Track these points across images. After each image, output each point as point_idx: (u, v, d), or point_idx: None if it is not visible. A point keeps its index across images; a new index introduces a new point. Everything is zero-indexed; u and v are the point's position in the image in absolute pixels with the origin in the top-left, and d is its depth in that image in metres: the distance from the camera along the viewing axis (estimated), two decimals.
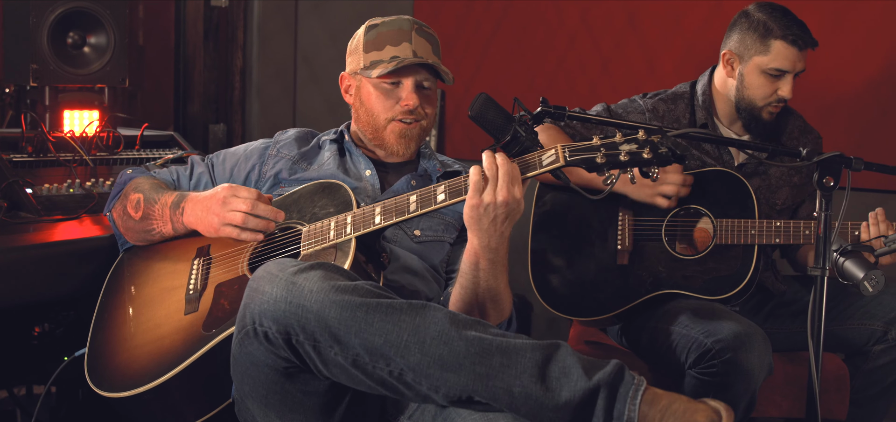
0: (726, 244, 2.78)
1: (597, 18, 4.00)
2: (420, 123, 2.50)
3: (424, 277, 2.40)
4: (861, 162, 2.18)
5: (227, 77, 4.31)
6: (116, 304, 2.43)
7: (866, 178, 2.42)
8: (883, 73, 3.49)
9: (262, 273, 1.93)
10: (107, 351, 2.31)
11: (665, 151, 2.06)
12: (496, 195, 2.03)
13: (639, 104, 3.04)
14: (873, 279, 2.14)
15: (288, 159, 2.58)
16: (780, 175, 3.02)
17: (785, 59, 2.85)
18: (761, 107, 2.92)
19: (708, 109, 3.02)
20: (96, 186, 2.95)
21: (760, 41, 2.87)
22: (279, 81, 4.41)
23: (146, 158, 3.17)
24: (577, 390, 1.79)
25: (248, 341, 1.92)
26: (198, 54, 4.19)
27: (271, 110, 4.41)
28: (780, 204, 3.02)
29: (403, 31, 2.47)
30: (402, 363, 1.84)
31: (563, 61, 4.07)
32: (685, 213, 2.87)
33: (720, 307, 2.69)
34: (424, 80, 2.49)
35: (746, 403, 2.53)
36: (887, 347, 2.77)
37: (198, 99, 4.21)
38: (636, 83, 3.89)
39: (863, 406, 2.83)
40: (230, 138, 4.28)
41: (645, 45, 3.91)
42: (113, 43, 3.29)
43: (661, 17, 3.87)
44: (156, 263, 2.47)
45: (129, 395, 2.15)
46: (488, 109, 2.19)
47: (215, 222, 2.31)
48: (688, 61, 3.82)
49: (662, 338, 2.69)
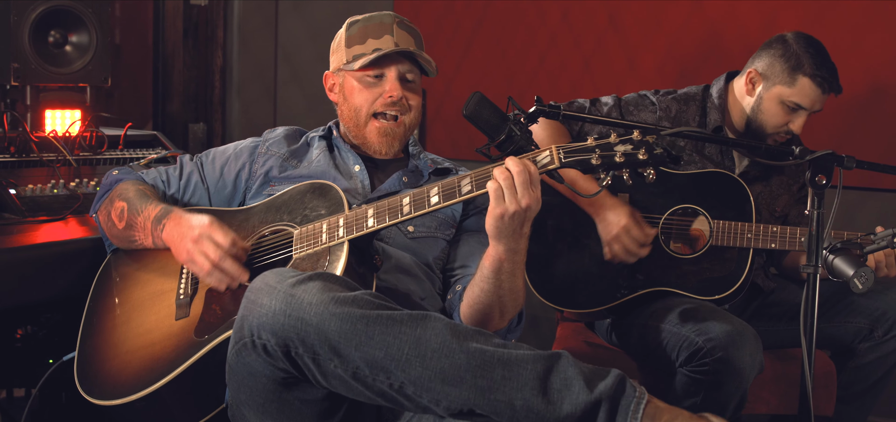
0: (722, 246, 2.80)
1: (578, 18, 4.01)
2: (403, 119, 2.50)
3: (417, 276, 2.39)
4: (853, 160, 2.20)
5: (207, 76, 4.27)
6: (105, 308, 2.40)
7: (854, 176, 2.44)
8: (865, 75, 3.52)
9: (259, 284, 1.90)
10: (97, 357, 2.28)
11: (660, 152, 2.06)
12: (520, 202, 2.02)
13: (650, 100, 3.04)
14: (863, 276, 2.16)
15: (278, 157, 2.56)
16: (781, 183, 3.05)
17: (807, 96, 2.84)
18: (769, 134, 2.92)
19: (722, 113, 3.01)
20: (81, 187, 2.92)
21: (789, 72, 2.85)
22: (260, 80, 4.38)
23: (130, 158, 3.14)
24: (578, 404, 1.78)
25: (245, 353, 1.89)
26: (177, 53, 4.15)
27: (252, 109, 4.38)
28: (779, 210, 3.05)
29: (385, 25, 2.47)
30: (402, 377, 1.82)
31: (545, 60, 4.07)
32: (682, 212, 2.87)
33: (711, 306, 2.71)
34: (408, 73, 2.49)
35: (737, 400, 2.55)
36: (873, 344, 2.80)
37: (177, 98, 4.18)
38: (618, 82, 3.91)
39: (849, 403, 2.87)
40: (210, 137, 4.25)
41: (626, 44, 3.92)
42: (95, 41, 3.25)
43: (642, 17, 3.88)
44: (145, 266, 2.44)
45: (121, 403, 2.12)
46: (483, 108, 2.19)
47: (184, 255, 2.27)
48: (669, 61, 3.83)
49: (653, 336, 2.70)
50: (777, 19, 3.55)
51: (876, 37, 3.51)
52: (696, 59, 3.79)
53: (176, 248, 2.30)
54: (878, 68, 3.51)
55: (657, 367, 2.74)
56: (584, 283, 2.90)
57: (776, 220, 3.02)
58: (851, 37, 3.51)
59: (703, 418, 1.80)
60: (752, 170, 3.03)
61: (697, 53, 3.80)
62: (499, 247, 2.08)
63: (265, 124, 4.34)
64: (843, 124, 3.56)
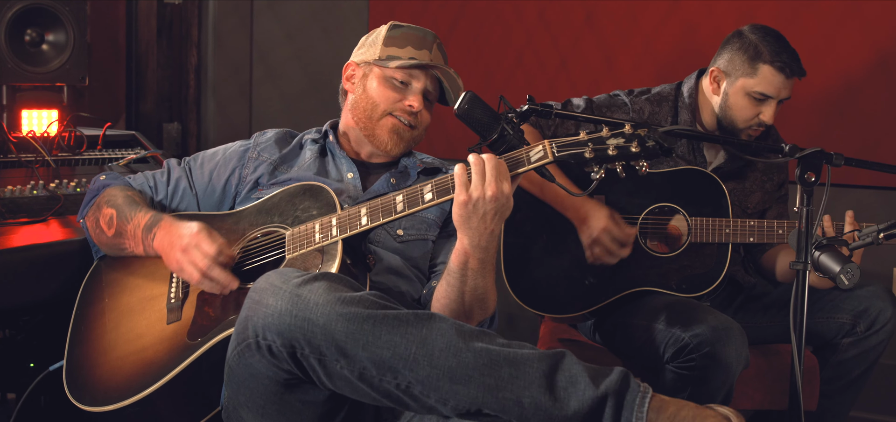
0: (700, 242, 2.82)
1: (554, 16, 4.02)
2: (414, 131, 2.51)
3: (408, 277, 2.39)
4: (841, 158, 2.23)
5: (182, 75, 4.23)
6: (94, 314, 2.36)
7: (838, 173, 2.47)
8: (839, 74, 3.57)
9: (264, 284, 1.89)
10: (87, 363, 2.25)
11: (653, 145, 2.07)
12: (485, 190, 2.02)
13: (622, 100, 3.05)
14: (849, 272, 2.19)
15: (269, 163, 2.54)
16: (754, 180, 3.07)
17: (770, 84, 2.87)
18: (741, 129, 2.94)
19: (693, 112, 3.03)
20: (61, 188, 2.87)
21: (749, 63, 2.88)
22: (235, 80, 4.34)
23: (108, 158, 3.10)
24: (585, 400, 1.79)
25: (248, 354, 1.88)
26: (151, 52, 4.11)
27: (227, 108, 4.34)
28: (751, 208, 3.07)
29: (427, 40, 2.51)
30: (410, 376, 1.81)
31: (522, 59, 4.08)
32: (659, 210, 2.89)
33: (695, 303, 2.73)
34: (430, 93, 2.51)
35: (724, 395, 2.57)
36: (856, 340, 2.83)
37: (151, 97, 4.13)
38: (595, 81, 3.93)
39: (832, 398, 2.90)
40: (185, 137, 4.21)
41: (603, 43, 3.94)
42: (72, 40, 3.20)
43: (619, 16, 3.91)
44: (134, 271, 2.41)
45: (114, 409, 2.09)
46: (476, 108, 2.19)
47: (174, 265, 2.26)
48: (645, 59, 3.86)
49: (639, 334, 2.72)
50: (753, 18, 3.55)
51: (849, 35, 3.56)
52: (673, 58, 3.82)
53: (166, 257, 2.29)
54: (852, 67, 3.56)
55: (643, 364, 2.76)
56: (566, 287, 2.91)
57: (749, 217, 3.05)
58: (826, 35, 3.55)
59: (709, 409, 1.81)
60: (725, 166, 3.05)
61: (674, 52, 3.83)
62: (464, 239, 2.09)
63: (241, 123, 4.33)
64: (818, 123, 3.61)
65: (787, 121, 3.02)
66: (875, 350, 2.83)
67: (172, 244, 2.26)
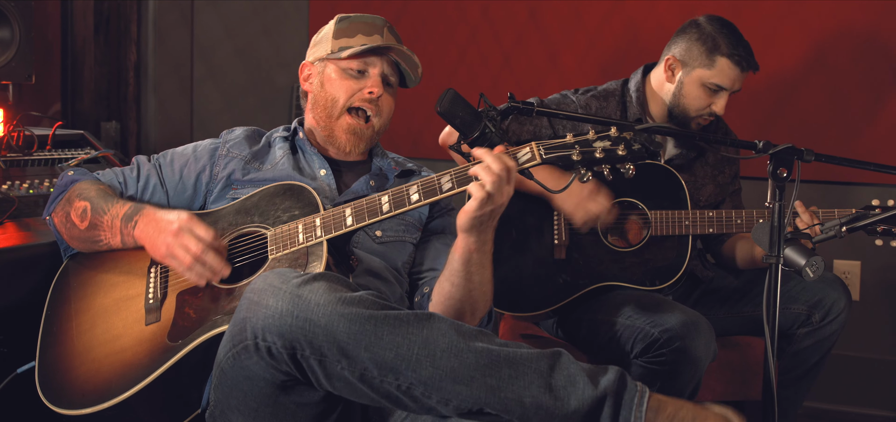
0: (661, 235, 2.87)
1: (498, 14, 4.05)
2: (373, 122, 2.47)
3: (387, 279, 2.37)
4: (812, 154, 2.29)
5: (120, 73, 4.12)
6: (67, 315, 2.30)
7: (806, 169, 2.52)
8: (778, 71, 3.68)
9: (262, 285, 1.86)
10: (61, 366, 2.19)
11: (639, 148, 2.10)
12: (503, 198, 2.04)
13: (571, 100, 3.08)
14: (814, 265, 2.25)
15: (240, 159, 2.50)
16: (706, 173, 3.14)
17: (726, 76, 2.93)
18: (693, 117, 3.00)
19: (642, 106, 3.08)
20: (13, 190, 2.78)
21: (707, 55, 2.93)
22: (176, 77, 4.26)
23: (59, 158, 3.00)
24: (584, 399, 1.81)
25: (245, 356, 1.85)
26: (88, 49, 3.99)
27: (168, 106, 4.25)
28: (703, 200, 3.13)
29: (376, 25, 2.48)
30: (412, 377, 1.81)
31: (465, 56, 4.10)
32: (619, 206, 2.93)
33: (661, 297, 2.77)
34: (390, 76, 2.48)
35: (692, 389, 2.61)
36: (811, 329, 2.91)
37: (88, 95, 4.02)
38: (539, 78, 3.97)
39: (788, 387, 2.97)
40: (125, 136, 4.10)
41: (546, 40, 3.99)
42: (18, 37, 3.09)
43: (563, 14, 3.96)
44: (107, 270, 2.35)
45: (93, 411, 2.04)
46: (457, 106, 2.19)
47: (162, 249, 2.20)
48: (589, 57, 3.92)
49: (605, 329, 2.74)
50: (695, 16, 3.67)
51: (789, 33, 3.67)
52: (617, 55, 3.88)
53: (151, 244, 2.23)
54: (791, 64, 3.68)
55: (609, 359, 2.75)
56: (529, 285, 2.93)
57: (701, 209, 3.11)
58: (766, 34, 3.66)
59: (706, 409, 1.85)
60: (677, 159, 3.11)
61: (617, 49, 3.90)
62: (469, 239, 2.10)
63: (182, 121, 4.25)
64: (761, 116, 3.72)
65: (729, 113, 3.10)
66: (830, 340, 2.91)
67: (160, 230, 2.21)
